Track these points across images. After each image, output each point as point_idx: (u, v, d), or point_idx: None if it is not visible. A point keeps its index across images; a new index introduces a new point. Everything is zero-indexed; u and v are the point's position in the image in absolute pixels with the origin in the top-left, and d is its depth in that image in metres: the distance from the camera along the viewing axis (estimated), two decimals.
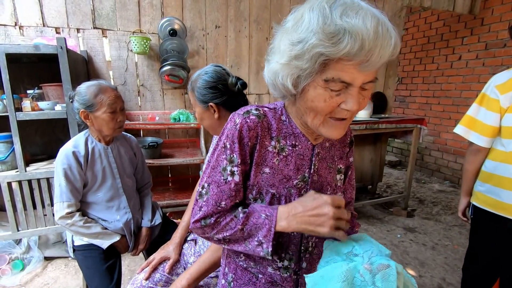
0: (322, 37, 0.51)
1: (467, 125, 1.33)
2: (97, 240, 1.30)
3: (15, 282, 1.90)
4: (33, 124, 2.14)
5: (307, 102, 0.60)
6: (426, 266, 2.17)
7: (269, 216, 0.64)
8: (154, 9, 2.36)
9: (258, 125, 0.65)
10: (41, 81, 1.95)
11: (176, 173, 2.72)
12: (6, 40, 2.04)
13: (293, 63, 0.56)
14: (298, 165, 0.70)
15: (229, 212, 0.67)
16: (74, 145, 1.28)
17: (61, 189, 1.24)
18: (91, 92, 1.25)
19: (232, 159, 0.65)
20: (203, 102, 1.08)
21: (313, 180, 0.72)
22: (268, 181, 0.68)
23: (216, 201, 0.66)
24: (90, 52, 2.26)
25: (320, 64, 0.53)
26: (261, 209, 0.66)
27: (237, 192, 0.67)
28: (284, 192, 0.69)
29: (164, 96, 2.54)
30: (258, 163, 0.67)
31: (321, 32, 0.51)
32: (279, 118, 0.69)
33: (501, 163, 1.25)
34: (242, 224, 0.65)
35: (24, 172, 1.80)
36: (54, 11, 2.12)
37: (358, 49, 0.50)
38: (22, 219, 1.86)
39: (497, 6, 3.38)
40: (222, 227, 0.67)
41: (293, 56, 0.55)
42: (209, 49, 2.59)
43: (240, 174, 0.66)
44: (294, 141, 0.69)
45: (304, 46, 0.53)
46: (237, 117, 0.66)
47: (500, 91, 1.22)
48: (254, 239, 0.65)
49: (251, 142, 0.65)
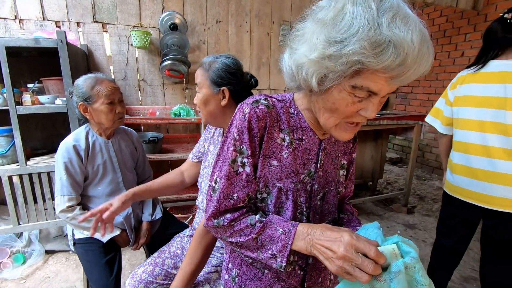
0: (366, 45, 0.46)
1: (434, 115, 1.57)
2: (97, 234, 1.30)
3: (16, 275, 1.91)
4: (34, 118, 2.14)
5: (327, 102, 0.58)
6: (425, 262, 2.17)
7: (287, 232, 0.61)
8: (154, 3, 2.34)
9: (267, 115, 0.64)
10: (41, 75, 1.94)
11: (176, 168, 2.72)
12: (6, 34, 2.03)
13: (324, 62, 0.51)
14: (305, 159, 0.68)
15: (244, 217, 0.65)
16: (75, 139, 1.28)
17: (62, 182, 1.24)
18: (88, 85, 1.25)
19: (242, 150, 0.64)
20: (216, 84, 1.02)
21: (319, 175, 0.71)
22: (276, 174, 0.66)
23: (227, 194, 0.65)
24: (90, 46, 2.24)
25: (353, 70, 0.50)
26: (279, 222, 0.63)
27: (249, 183, 0.65)
28: (291, 187, 0.67)
29: (165, 91, 2.53)
30: (266, 155, 0.66)
31: (365, 39, 0.46)
32: (287, 110, 0.68)
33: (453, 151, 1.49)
34: (257, 233, 0.63)
35: (24, 166, 1.80)
36: (54, 4, 2.10)
37: (398, 64, 0.47)
38: (23, 213, 1.87)
39: (500, 2, 3.34)
40: (235, 232, 0.65)
41: (326, 55, 0.50)
42: (210, 43, 2.57)
43: (251, 165, 0.64)
44: (302, 135, 0.68)
45: (342, 49, 0.48)
46: (245, 107, 0.64)
47: (450, 87, 1.48)
48: (267, 251, 0.62)
49: (260, 133, 0.64)
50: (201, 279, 1.09)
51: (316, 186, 0.71)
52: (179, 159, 2.25)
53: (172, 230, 1.44)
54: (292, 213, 0.68)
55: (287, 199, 0.68)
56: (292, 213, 0.68)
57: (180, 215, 2.32)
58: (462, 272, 2.05)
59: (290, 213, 0.68)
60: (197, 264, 0.94)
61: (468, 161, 1.38)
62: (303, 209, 0.70)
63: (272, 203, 0.68)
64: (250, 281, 0.74)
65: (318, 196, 0.72)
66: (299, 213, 0.70)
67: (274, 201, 0.68)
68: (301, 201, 0.69)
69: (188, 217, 2.31)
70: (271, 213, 0.68)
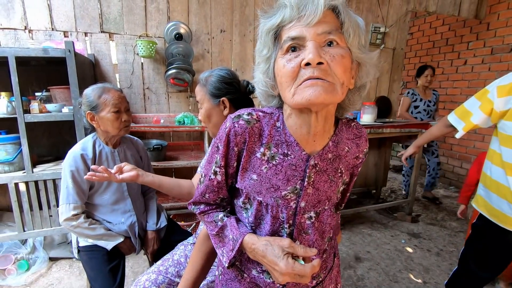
0: (263, 18, 0.61)
1: (460, 116, 1.32)
2: (102, 241, 1.31)
3: (20, 282, 1.92)
4: (41, 126, 2.17)
5: (277, 80, 0.61)
6: (431, 272, 2.14)
7: (235, 240, 0.68)
8: (160, 14, 2.39)
9: (246, 131, 0.64)
10: (49, 84, 1.98)
11: (180, 176, 2.73)
12: (16, 44, 2.08)
13: (259, 58, 0.64)
14: (289, 175, 0.66)
15: (213, 212, 0.75)
16: (82, 148, 1.30)
17: (68, 191, 1.25)
18: (95, 94, 1.28)
19: (216, 160, 0.69)
20: (215, 97, 1.06)
21: (307, 193, 0.67)
22: (255, 188, 0.67)
23: (202, 192, 0.74)
24: (97, 56, 2.29)
25: (273, 41, 0.60)
26: (231, 228, 0.70)
27: (220, 189, 0.72)
28: (271, 201, 0.67)
29: (169, 99, 2.56)
30: (245, 168, 0.68)
31: (262, 16, 0.62)
32: (274, 124, 0.67)
33: (497, 167, 1.23)
34: (216, 232, 0.72)
35: (31, 173, 1.82)
36: (63, 15, 2.16)
37: (289, 11, 0.56)
38: (28, 220, 1.89)
39: (503, 11, 3.36)
40: (206, 222, 0.76)
41: (258, 52, 0.64)
42: (214, 53, 2.61)
43: (222, 175, 0.69)
44: (287, 149, 0.66)
45: (260, 36, 0.62)
46: (228, 120, 0.67)
47: (498, 93, 1.16)
48: (221, 248, 0.72)
49: (238, 147, 0.66)
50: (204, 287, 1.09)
51: (303, 204, 0.68)
52: (183, 166, 2.27)
53: (176, 238, 1.45)
54: (271, 227, 0.68)
55: (267, 212, 0.68)
56: (270, 228, 0.68)
57: (183, 223, 2.33)
58: None
59: (268, 227, 0.69)
60: (199, 271, 0.94)
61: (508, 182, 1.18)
62: (284, 225, 0.68)
63: (253, 215, 0.70)
64: (230, 281, 0.78)
65: (307, 215, 0.69)
66: (280, 228, 0.69)
67: (255, 213, 0.70)
68: (283, 217, 0.68)
69: (192, 225, 2.32)
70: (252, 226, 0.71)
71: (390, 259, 2.32)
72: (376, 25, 3.03)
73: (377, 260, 2.30)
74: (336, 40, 0.56)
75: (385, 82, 3.30)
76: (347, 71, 0.57)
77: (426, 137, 1.62)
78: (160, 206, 1.60)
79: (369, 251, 2.43)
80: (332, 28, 0.55)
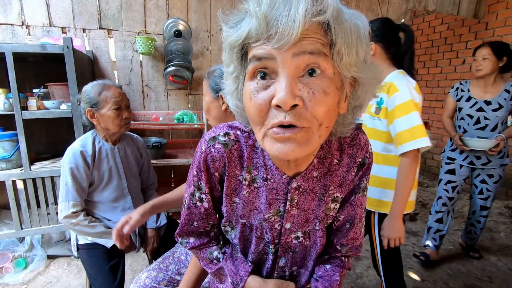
0: (226, 28, 0.47)
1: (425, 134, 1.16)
2: (102, 239, 1.30)
3: (18, 280, 1.90)
4: (38, 123, 2.15)
5: (245, 107, 0.48)
6: (428, 270, 2.15)
7: (236, 285, 0.65)
8: (159, 10, 2.37)
9: (224, 155, 0.58)
10: (47, 80, 1.96)
11: (179, 174, 2.73)
12: (13, 40, 2.06)
13: (227, 73, 0.52)
14: (270, 199, 0.61)
15: (205, 248, 0.70)
16: (82, 145, 1.29)
17: (67, 188, 1.24)
18: (96, 90, 1.26)
19: (199, 186, 0.63)
20: (215, 91, 1.08)
21: (291, 214, 0.63)
22: (238, 211, 0.64)
23: (188, 220, 0.68)
24: (95, 52, 2.27)
25: (239, 59, 0.48)
26: (229, 272, 0.66)
27: (208, 215, 0.67)
28: (255, 223, 0.65)
29: (168, 97, 2.55)
30: (228, 193, 0.63)
31: (225, 25, 0.47)
32: (253, 144, 0.59)
33: None
34: (215, 272, 0.70)
35: (28, 170, 1.81)
36: (61, 11, 2.13)
37: (256, 25, 0.41)
38: (26, 218, 1.87)
39: (501, 11, 3.37)
40: (198, 256, 0.72)
41: (225, 63, 0.52)
42: (213, 50, 2.59)
43: (209, 201, 0.64)
44: (266, 173, 0.59)
45: (224, 47, 0.50)
46: (203, 143, 0.60)
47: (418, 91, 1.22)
48: (220, 284, 0.71)
49: (219, 172, 0.60)
50: (206, 286, 1.09)
51: (289, 225, 0.64)
52: (182, 164, 2.26)
53: None
54: (256, 247, 0.68)
55: (251, 233, 0.67)
56: (256, 248, 0.68)
57: None
58: (466, 280, 2.04)
59: (254, 247, 0.68)
60: (202, 269, 0.94)
61: None
62: (269, 245, 0.67)
63: (237, 237, 0.68)
64: None
65: (293, 235, 0.66)
66: (266, 247, 0.68)
67: (239, 236, 0.68)
68: (268, 237, 0.66)
69: None
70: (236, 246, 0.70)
71: None
72: None
73: None
74: (320, 66, 0.42)
75: None
76: (330, 111, 0.44)
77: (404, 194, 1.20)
78: None
79: (368, 249, 2.43)
80: (315, 49, 0.41)
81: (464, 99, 2.10)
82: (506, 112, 1.97)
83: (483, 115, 2.01)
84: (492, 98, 1.98)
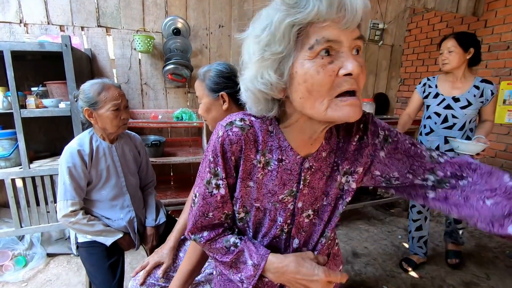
0: (286, 8, 0.48)
1: None
2: (101, 237, 1.31)
3: (18, 278, 1.91)
4: (37, 121, 2.15)
5: (300, 86, 0.52)
6: (427, 267, 2.17)
7: (256, 265, 0.65)
8: (158, 8, 2.37)
9: (242, 138, 0.61)
10: (45, 79, 1.96)
11: (178, 172, 2.73)
12: (11, 38, 2.05)
13: (267, 54, 0.52)
14: (285, 180, 0.65)
15: (220, 237, 0.69)
16: (79, 144, 1.29)
17: (65, 187, 1.24)
18: (95, 90, 1.26)
19: (216, 172, 0.63)
20: (213, 91, 1.06)
21: (303, 193, 0.67)
22: (252, 195, 0.66)
23: (203, 212, 0.67)
24: (94, 50, 2.26)
25: (295, 38, 0.50)
26: (250, 254, 0.66)
27: (224, 203, 0.67)
28: (269, 206, 0.67)
29: (167, 95, 2.54)
30: (243, 177, 0.64)
31: (283, 4, 0.48)
32: (267, 129, 0.63)
33: None
34: (231, 259, 0.67)
35: (27, 169, 1.81)
36: (59, 9, 2.13)
37: (327, 6, 0.46)
38: (25, 216, 1.87)
39: (500, 8, 3.37)
40: (212, 249, 0.69)
41: (263, 45, 0.52)
42: (212, 48, 2.59)
43: (225, 187, 0.64)
44: (281, 155, 0.63)
45: (270, 28, 0.50)
46: (220, 128, 0.62)
47: None
48: (237, 274, 0.68)
49: (235, 156, 0.62)
50: (202, 279, 1.10)
51: (300, 204, 0.68)
52: (181, 162, 2.27)
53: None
54: (268, 229, 0.69)
55: (265, 216, 0.69)
56: (268, 230, 0.69)
57: None
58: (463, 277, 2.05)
59: (266, 230, 0.69)
60: (195, 265, 0.95)
61: None
62: (283, 227, 0.69)
63: (251, 221, 0.69)
64: (228, 282, 0.77)
65: (305, 214, 0.70)
66: (279, 230, 0.69)
67: (253, 220, 0.69)
68: (281, 220, 0.68)
69: None
70: (249, 230, 0.70)
71: (387, 254, 2.34)
72: (375, 21, 3.03)
73: (374, 255, 2.32)
74: (361, 47, 0.52)
75: (383, 79, 3.31)
76: None
77: None
78: (159, 202, 1.60)
79: (366, 247, 2.45)
80: (360, 33, 0.51)
81: (431, 96, 1.97)
82: (474, 110, 1.82)
83: (451, 113, 1.86)
84: (461, 94, 1.84)
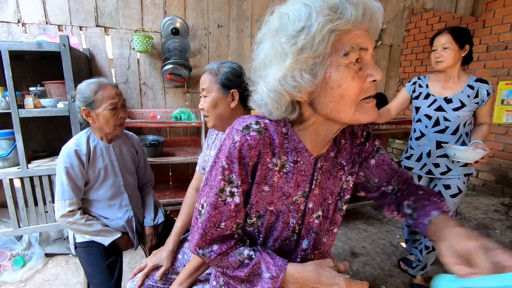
0: (328, 11, 0.50)
1: None
2: (99, 237, 1.31)
3: (16, 278, 1.91)
4: (35, 121, 2.15)
5: (333, 90, 0.54)
6: None
7: (275, 278, 0.61)
8: (156, 8, 2.37)
9: (260, 142, 0.59)
10: (43, 79, 1.95)
11: (176, 172, 2.73)
12: (9, 37, 2.05)
13: (302, 56, 0.52)
14: (299, 181, 0.66)
15: (232, 250, 0.64)
16: (76, 144, 1.28)
17: (63, 187, 1.24)
18: (91, 89, 1.25)
19: (231, 180, 0.60)
20: (225, 87, 1.05)
21: (314, 194, 0.69)
22: (267, 199, 0.65)
23: (214, 222, 0.63)
24: (92, 50, 2.26)
25: (332, 44, 0.52)
26: (267, 264, 0.62)
27: (238, 212, 0.64)
28: (282, 208, 0.67)
29: (166, 95, 2.54)
30: (259, 182, 0.63)
31: (326, 8, 0.50)
32: (281, 131, 0.62)
33: None
34: (245, 273, 0.63)
35: (25, 169, 1.81)
36: (57, 8, 2.12)
37: (362, 15, 0.50)
38: (23, 216, 1.87)
39: (499, 8, 3.38)
40: (223, 264, 0.65)
41: (299, 48, 0.52)
42: (211, 48, 2.59)
43: (240, 195, 0.62)
44: (296, 156, 0.64)
45: (309, 32, 0.50)
46: (235, 133, 0.59)
47: None
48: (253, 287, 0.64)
49: (253, 161, 0.60)
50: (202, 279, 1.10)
51: (311, 204, 0.70)
52: (180, 162, 2.27)
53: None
54: (280, 232, 0.69)
55: (277, 220, 0.68)
56: (280, 233, 0.69)
57: None
58: None
59: (278, 233, 0.69)
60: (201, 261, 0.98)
61: None
62: (295, 228, 0.70)
63: (263, 225, 0.68)
64: None
65: (315, 214, 0.71)
66: (290, 232, 0.70)
67: (265, 224, 0.67)
68: (293, 221, 0.69)
69: None
70: (260, 235, 0.69)
71: (385, 254, 2.34)
72: None
73: (373, 255, 2.32)
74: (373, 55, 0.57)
75: (382, 78, 3.30)
76: None
77: None
78: (158, 202, 1.60)
79: (365, 246, 2.45)
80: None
81: (422, 97, 1.76)
82: (469, 112, 1.62)
83: (443, 116, 1.66)
84: (453, 94, 1.65)
